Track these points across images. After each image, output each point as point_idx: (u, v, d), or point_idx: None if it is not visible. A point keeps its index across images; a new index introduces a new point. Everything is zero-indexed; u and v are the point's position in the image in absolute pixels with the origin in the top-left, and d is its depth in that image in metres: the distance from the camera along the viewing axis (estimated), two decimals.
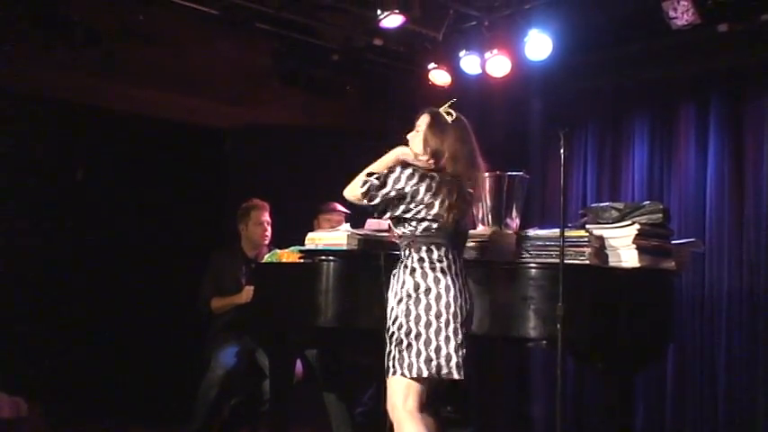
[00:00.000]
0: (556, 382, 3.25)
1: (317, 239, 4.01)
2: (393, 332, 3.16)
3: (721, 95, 5.09)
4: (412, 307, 3.13)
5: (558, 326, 3.17)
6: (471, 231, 3.60)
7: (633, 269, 3.47)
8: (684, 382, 5.08)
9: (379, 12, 5.11)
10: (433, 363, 3.09)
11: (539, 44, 5.19)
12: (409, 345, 3.11)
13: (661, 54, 5.19)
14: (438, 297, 3.13)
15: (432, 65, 5.77)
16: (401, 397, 3.13)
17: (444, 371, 3.10)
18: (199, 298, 4.86)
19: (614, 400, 3.54)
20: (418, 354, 3.10)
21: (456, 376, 3.11)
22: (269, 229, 4.94)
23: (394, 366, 3.14)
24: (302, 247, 4.04)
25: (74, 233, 5.63)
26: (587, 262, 3.40)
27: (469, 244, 3.51)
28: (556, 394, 3.26)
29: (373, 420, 3.22)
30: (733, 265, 4.96)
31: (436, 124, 3.27)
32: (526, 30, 5.21)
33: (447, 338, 3.11)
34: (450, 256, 3.20)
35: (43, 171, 5.56)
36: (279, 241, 4.77)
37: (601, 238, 3.51)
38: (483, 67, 5.51)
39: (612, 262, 3.51)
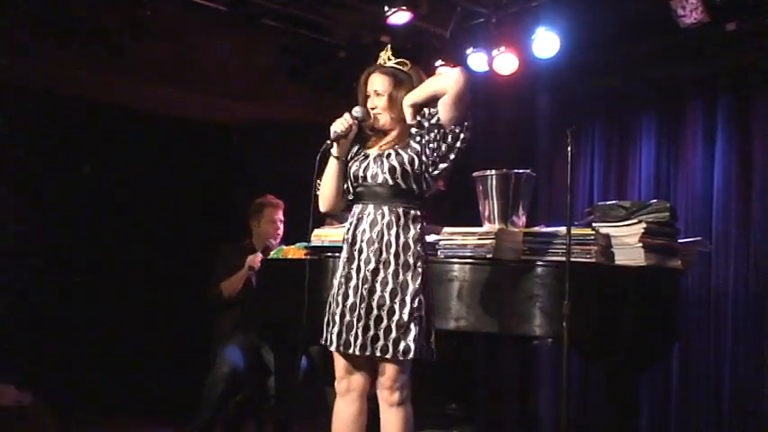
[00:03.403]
0: (561, 380, 3.24)
1: (323, 236, 4.01)
2: (414, 309, 2.96)
3: (729, 94, 5.07)
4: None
5: (564, 324, 3.16)
6: (478, 229, 3.60)
7: (639, 267, 3.46)
8: (690, 381, 5.07)
9: (386, 8, 5.10)
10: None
11: (546, 42, 5.18)
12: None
13: (669, 52, 5.17)
14: None
15: (439, 62, 5.74)
16: (407, 381, 3.03)
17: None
18: (210, 286, 4.81)
19: (619, 399, 3.53)
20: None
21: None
22: (281, 227, 4.88)
23: (415, 347, 2.95)
24: (308, 244, 4.04)
25: (80, 228, 5.64)
26: (594, 260, 3.40)
27: (476, 241, 3.50)
28: (561, 392, 3.25)
29: (377, 415, 3.21)
30: (739, 265, 4.94)
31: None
32: (534, 27, 5.20)
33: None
34: None
35: (50, 166, 5.57)
36: (285, 237, 4.78)
37: (607, 237, 3.51)
38: (490, 64, 5.49)
39: (619, 260, 3.50)
